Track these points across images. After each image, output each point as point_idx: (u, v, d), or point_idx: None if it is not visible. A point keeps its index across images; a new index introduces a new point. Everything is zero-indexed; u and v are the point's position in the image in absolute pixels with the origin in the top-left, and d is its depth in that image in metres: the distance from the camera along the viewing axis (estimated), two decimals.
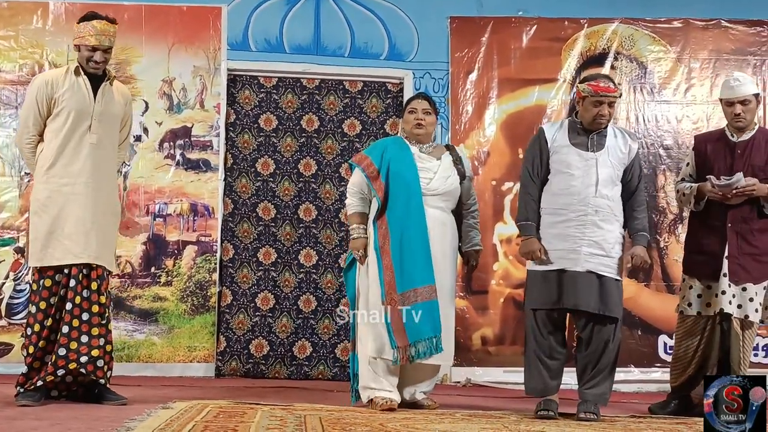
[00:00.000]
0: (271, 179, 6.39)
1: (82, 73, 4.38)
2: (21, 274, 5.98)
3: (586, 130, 4.43)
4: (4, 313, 5.99)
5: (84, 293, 4.28)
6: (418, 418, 4.01)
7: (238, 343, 6.21)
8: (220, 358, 6.15)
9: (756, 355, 6.03)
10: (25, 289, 5.83)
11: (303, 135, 6.43)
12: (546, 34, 6.47)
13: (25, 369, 4.27)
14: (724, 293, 4.56)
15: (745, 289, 4.58)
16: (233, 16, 6.34)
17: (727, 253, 4.59)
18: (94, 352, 4.26)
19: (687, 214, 5.17)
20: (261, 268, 6.32)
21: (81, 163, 4.33)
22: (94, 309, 4.29)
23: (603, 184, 4.35)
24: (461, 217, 4.71)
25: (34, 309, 4.29)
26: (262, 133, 6.41)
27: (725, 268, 4.58)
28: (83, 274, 4.29)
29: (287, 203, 6.39)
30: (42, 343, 4.26)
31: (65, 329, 4.23)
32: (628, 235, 4.48)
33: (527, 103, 6.45)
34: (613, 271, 4.34)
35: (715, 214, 4.67)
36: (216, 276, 6.20)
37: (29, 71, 6.10)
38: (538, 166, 4.46)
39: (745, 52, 6.52)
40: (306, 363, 6.26)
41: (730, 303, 4.55)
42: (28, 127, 4.40)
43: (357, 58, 6.44)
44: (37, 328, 4.26)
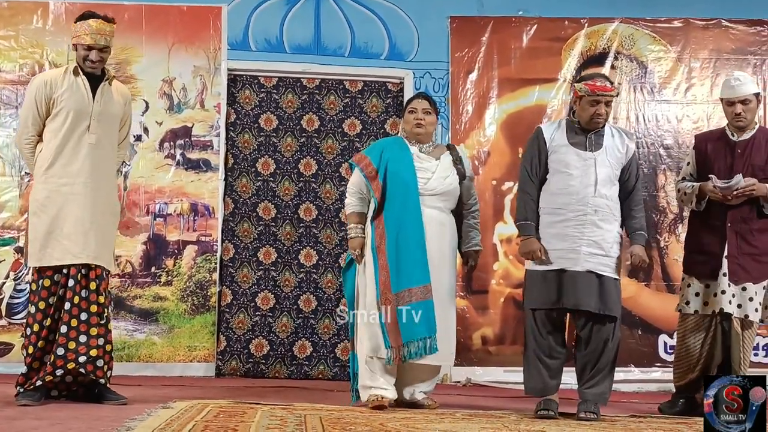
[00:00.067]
0: (271, 179, 6.39)
1: (81, 73, 4.37)
2: (21, 274, 5.98)
3: (584, 130, 4.42)
4: (4, 313, 5.99)
5: (83, 293, 4.28)
6: (418, 418, 4.00)
7: (239, 342, 6.21)
8: (221, 357, 6.15)
9: (756, 354, 6.03)
10: (25, 289, 5.82)
11: (303, 135, 6.43)
12: (546, 33, 6.47)
13: (24, 369, 4.27)
14: (723, 293, 4.56)
15: (744, 288, 4.58)
16: (233, 15, 6.34)
17: (726, 252, 4.59)
18: (93, 352, 4.26)
19: (687, 213, 5.17)
20: (261, 268, 6.32)
21: (80, 163, 4.32)
22: (93, 309, 4.29)
23: (602, 183, 4.34)
24: (461, 217, 4.70)
25: (33, 309, 4.29)
26: (262, 133, 6.41)
27: (725, 268, 4.58)
28: (82, 274, 4.29)
29: (287, 203, 6.39)
30: (41, 343, 4.26)
31: (64, 329, 4.22)
32: (625, 234, 4.48)
33: (527, 102, 6.45)
34: (612, 271, 4.34)
35: (715, 214, 4.67)
36: (216, 276, 6.20)
37: (29, 71, 6.09)
38: (537, 166, 4.45)
39: (745, 51, 6.51)
40: (306, 363, 6.26)
41: (729, 303, 4.55)
42: (27, 127, 4.40)
43: (357, 57, 6.44)
44: (36, 328, 4.26)
